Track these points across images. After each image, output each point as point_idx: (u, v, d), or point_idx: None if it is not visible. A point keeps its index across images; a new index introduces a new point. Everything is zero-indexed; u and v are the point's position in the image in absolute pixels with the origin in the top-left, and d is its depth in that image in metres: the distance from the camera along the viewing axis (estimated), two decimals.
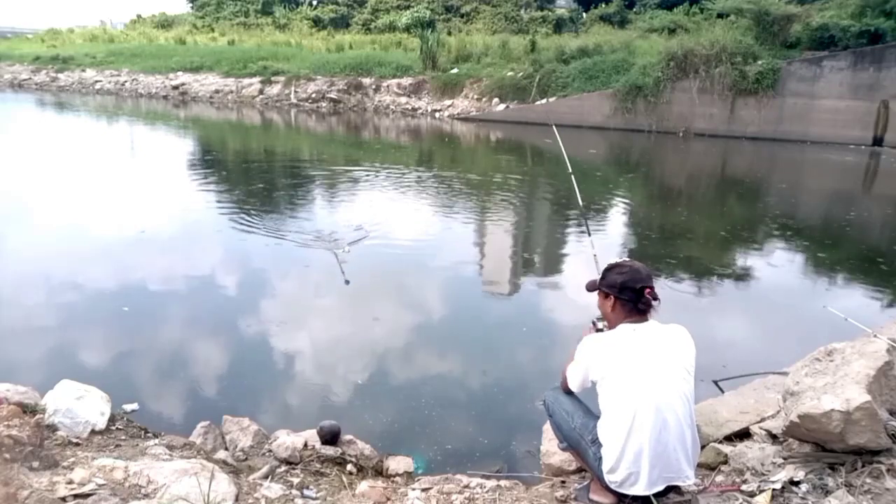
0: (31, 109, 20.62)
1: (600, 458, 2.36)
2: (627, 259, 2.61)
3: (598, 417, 2.44)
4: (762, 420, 3.07)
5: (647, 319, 2.46)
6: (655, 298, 2.44)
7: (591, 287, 2.65)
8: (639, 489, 2.28)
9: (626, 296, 2.45)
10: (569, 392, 2.62)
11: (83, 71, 26.38)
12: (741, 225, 8.96)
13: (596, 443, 2.40)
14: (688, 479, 2.32)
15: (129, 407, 3.54)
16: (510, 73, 20.22)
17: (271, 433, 3.25)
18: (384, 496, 2.68)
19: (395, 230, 7.73)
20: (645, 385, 2.29)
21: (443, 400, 4.00)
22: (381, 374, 4.27)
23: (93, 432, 2.97)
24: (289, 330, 4.92)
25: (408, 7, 30.66)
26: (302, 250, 6.76)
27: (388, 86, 21.75)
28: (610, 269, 2.56)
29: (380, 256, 6.73)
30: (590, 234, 4.36)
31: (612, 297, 2.49)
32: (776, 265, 7.26)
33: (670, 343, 2.41)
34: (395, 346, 4.76)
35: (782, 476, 2.54)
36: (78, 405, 3.01)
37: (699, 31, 19.98)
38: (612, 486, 2.34)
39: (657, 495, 2.33)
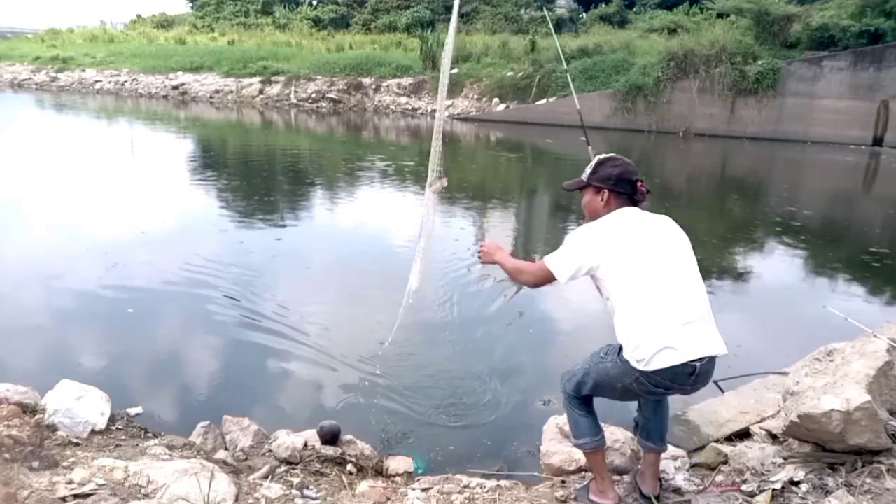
0: (31, 109, 20.60)
1: (623, 356, 2.26)
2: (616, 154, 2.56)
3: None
4: (762, 420, 3.08)
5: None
6: (648, 191, 2.47)
7: (574, 185, 2.54)
8: (678, 357, 2.18)
9: (622, 188, 2.42)
10: (539, 287, 2.52)
11: (83, 71, 26.32)
12: (741, 225, 8.96)
13: (612, 350, 2.33)
14: (720, 350, 2.26)
15: (133, 411, 3.52)
16: (510, 73, 20.22)
17: (271, 433, 3.24)
18: (384, 496, 2.67)
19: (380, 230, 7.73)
20: (660, 260, 2.29)
21: (443, 399, 3.99)
22: (381, 373, 4.26)
23: (93, 432, 2.97)
24: (288, 330, 4.91)
25: (408, 7, 30.64)
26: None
27: (388, 86, 21.75)
28: (602, 163, 2.47)
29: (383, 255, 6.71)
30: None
31: (605, 190, 2.43)
32: (776, 265, 7.25)
33: (667, 225, 2.45)
34: (396, 347, 4.74)
35: (782, 476, 2.54)
36: (78, 405, 3.01)
37: (699, 31, 20.00)
38: (640, 366, 2.21)
39: (659, 491, 2.32)
